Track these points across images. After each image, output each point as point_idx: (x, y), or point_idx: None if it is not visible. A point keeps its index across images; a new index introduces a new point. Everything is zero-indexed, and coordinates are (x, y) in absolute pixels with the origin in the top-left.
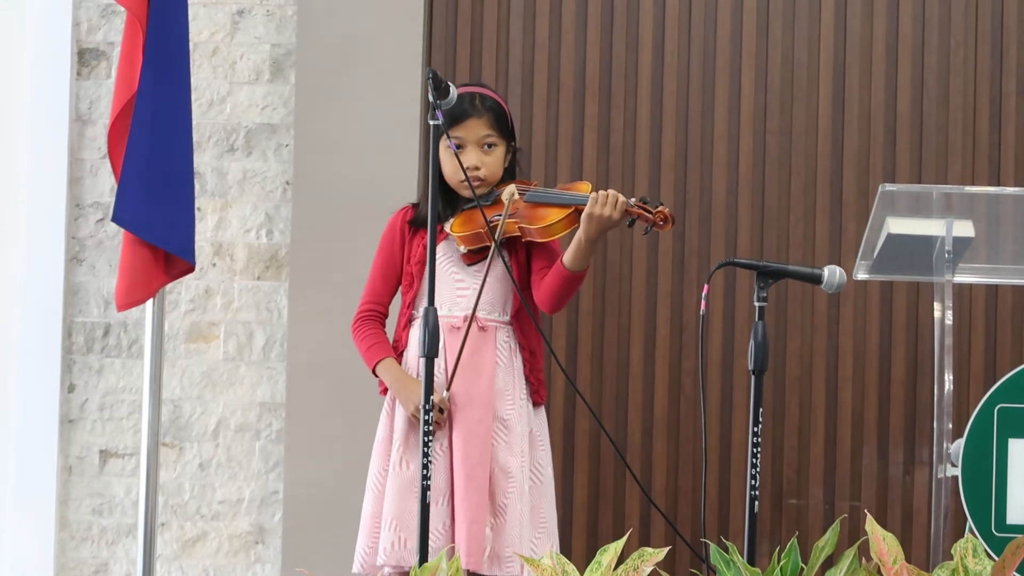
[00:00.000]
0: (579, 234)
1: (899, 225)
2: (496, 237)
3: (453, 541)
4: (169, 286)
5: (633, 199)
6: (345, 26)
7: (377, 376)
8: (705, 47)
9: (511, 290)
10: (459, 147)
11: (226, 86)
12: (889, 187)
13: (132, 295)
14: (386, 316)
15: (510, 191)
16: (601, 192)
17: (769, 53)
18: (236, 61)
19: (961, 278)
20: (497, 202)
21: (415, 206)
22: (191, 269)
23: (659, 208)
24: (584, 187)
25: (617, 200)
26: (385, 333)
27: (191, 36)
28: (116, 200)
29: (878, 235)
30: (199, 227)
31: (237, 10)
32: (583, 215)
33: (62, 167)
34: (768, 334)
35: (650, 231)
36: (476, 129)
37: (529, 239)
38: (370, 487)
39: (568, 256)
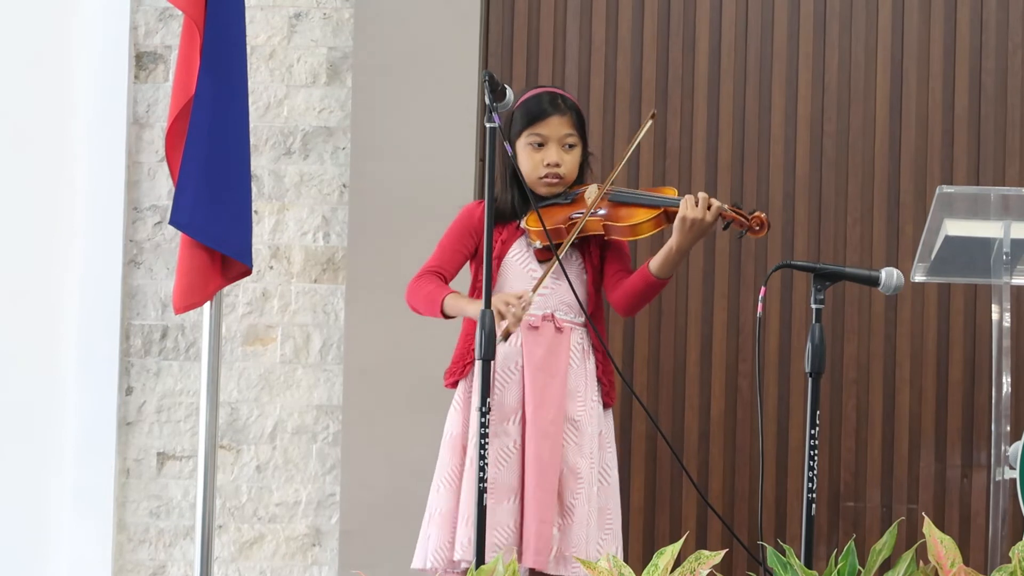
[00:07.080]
0: (671, 242)
1: (957, 227)
2: (565, 244)
3: (521, 540)
4: (226, 289)
5: (727, 204)
6: (401, 29)
7: (446, 316)
8: (762, 50)
9: (588, 292)
10: (540, 144)
11: (283, 89)
12: (947, 189)
13: (189, 298)
14: (448, 281)
15: (593, 189)
16: (692, 195)
17: (826, 55)
18: (293, 64)
19: (1019, 280)
20: (576, 201)
21: None
22: (248, 272)
23: (755, 213)
24: (670, 191)
25: (711, 203)
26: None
27: (248, 39)
28: (173, 203)
29: (935, 237)
30: (256, 230)
31: (294, 13)
32: (677, 218)
33: (119, 170)
34: (825, 336)
35: (744, 235)
36: (559, 127)
37: (613, 237)
38: (443, 482)
39: (656, 263)
